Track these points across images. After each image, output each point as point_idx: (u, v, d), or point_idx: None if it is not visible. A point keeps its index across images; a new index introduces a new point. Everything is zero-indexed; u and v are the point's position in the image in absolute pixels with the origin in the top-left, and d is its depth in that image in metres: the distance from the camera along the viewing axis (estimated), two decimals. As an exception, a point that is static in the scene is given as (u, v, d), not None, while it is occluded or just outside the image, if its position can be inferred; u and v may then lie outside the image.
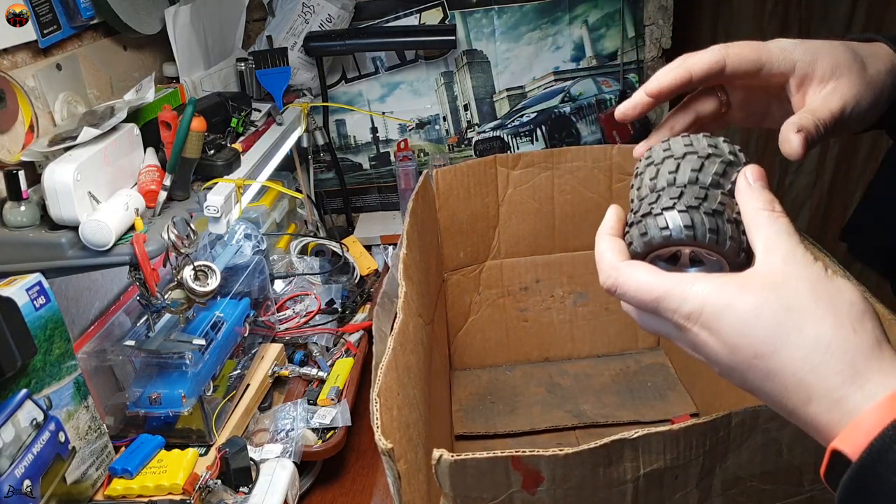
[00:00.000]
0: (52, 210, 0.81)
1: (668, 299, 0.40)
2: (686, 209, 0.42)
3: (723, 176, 0.44)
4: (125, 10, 1.07)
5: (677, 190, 0.43)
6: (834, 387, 0.35)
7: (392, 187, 1.69)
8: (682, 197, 0.43)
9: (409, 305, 0.74)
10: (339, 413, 0.98)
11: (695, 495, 0.58)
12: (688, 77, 0.47)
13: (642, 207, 0.45)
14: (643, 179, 0.47)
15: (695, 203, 0.42)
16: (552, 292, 1.20)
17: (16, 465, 0.71)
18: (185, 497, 0.82)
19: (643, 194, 0.46)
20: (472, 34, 1.55)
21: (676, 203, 0.43)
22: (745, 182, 0.43)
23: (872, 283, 0.40)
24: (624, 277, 0.42)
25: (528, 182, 1.13)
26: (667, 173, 0.45)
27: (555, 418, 1.09)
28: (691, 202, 0.42)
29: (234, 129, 1.16)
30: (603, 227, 0.46)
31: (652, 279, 0.41)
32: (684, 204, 0.42)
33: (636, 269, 0.42)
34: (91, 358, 0.88)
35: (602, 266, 0.44)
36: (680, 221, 0.42)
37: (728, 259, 0.43)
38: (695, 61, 0.47)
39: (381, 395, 0.57)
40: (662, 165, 0.46)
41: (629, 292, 0.42)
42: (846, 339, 0.36)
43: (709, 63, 0.47)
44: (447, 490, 0.53)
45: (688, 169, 0.44)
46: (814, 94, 0.47)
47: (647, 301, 0.41)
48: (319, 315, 1.22)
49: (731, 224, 0.42)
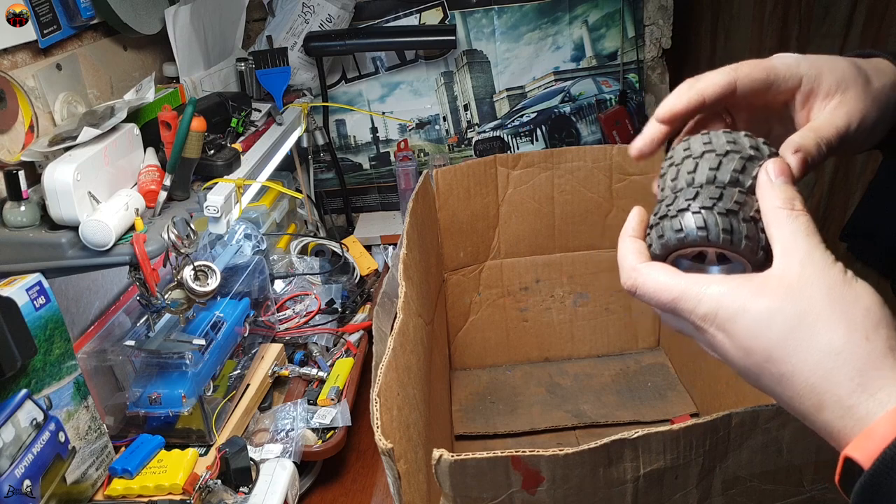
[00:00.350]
0: (52, 210, 0.81)
1: (683, 300, 0.40)
2: (700, 210, 0.42)
3: (742, 172, 0.43)
4: (125, 10, 1.07)
5: (693, 191, 0.43)
6: (845, 394, 0.35)
7: (392, 187, 1.69)
8: (698, 197, 0.43)
9: (409, 305, 0.74)
10: (339, 413, 0.98)
11: (695, 495, 0.58)
12: (700, 101, 0.46)
13: (661, 209, 0.45)
14: (665, 181, 0.47)
15: (709, 203, 0.42)
16: (552, 292, 1.21)
17: (16, 465, 0.71)
18: (185, 497, 0.82)
19: (664, 195, 0.46)
20: (472, 34, 1.55)
21: (691, 204, 0.42)
22: (765, 178, 0.42)
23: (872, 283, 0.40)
24: (643, 279, 0.43)
25: (528, 182, 1.13)
26: (685, 173, 0.45)
27: (555, 418, 1.09)
28: (706, 202, 0.42)
29: (234, 129, 1.16)
30: (625, 230, 0.46)
31: (669, 280, 0.41)
32: (699, 205, 0.42)
33: (654, 270, 0.42)
34: (91, 358, 0.88)
35: (623, 267, 0.44)
36: (693, 223, 0.42)
37: (746, 258, 0.42)
38: (706, 84, 0.46)
39: (381, 395, 0.57)
40: (682, 165, 0.45)
41: (648, 293, 0.42)
42: (858, 346, 0.35)
43: (721, 85, 0.45)
44: (447, 490, 0.53)
45: (705, 168, 0.44)
46: (819, 109, 0.46)
47: (665, 302, 0.41)
48: (319, 315, 1.22)
49: (749, 223, 0.41)
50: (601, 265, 1.19)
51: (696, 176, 0.44)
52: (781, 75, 0.46)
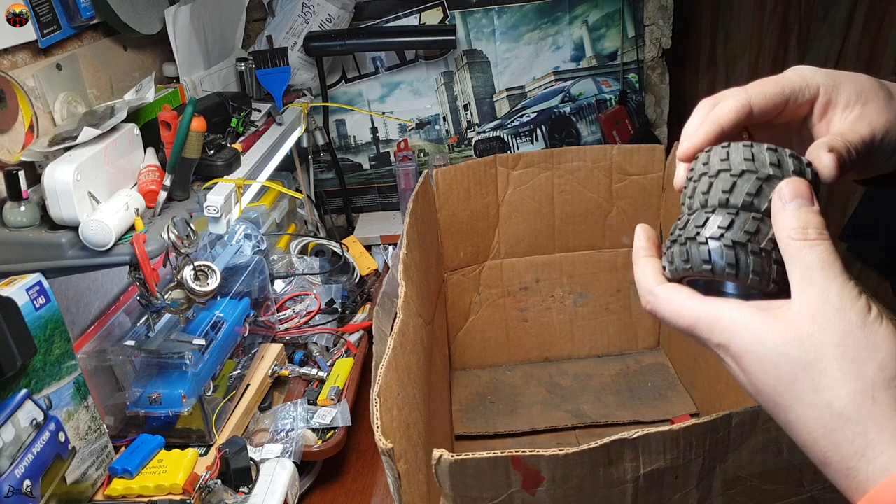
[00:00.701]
0: (52, 210, 0.81)
1: (698, 328, 0.39)
2: (706, 241, 0.40)
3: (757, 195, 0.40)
4: (125, 10, 1.07)
5: (704, 215, 0.41)
6: (847, 456, 0.34)
7: (392, 187, 1.69)
8: (707, 224, 0.40)
9: (409, 305, 0.74)
10: (339, 413, 0.98)
11: (695, 495, 0.58)
12: (719, 131, 0.44)
13: (675, 230, 0.43)
14: (685, 195, 0.44)
15: (717, 233, 0.40)
16: (552, 292, 1.20)
17: (16, 465, 0.71)
18: (185, 497, 0.82)
19: (693, 207, 0.43)
20: (472, 34, 1.55)
21: (700, 232, 0.40)
22: (778, 204, 0.39)
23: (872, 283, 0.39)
24: (660, 303, 0.42)
25: (528, 182, 1.13)
26: (700, 193, 0.42)
27: (555, 418, 1.09)
28: (713, 232, 0.40)
29: (234, 129, 1.16)
30: (637, 250, 0.45)
31: (684, 305, 0.40)
32: (707, 233, 0.40)
33: (670, 293, 0.41)
34: (91, 358, 0.88)
35: (640, 290, 0.43)
36: (699, 256, 0.40)
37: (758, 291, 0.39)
38: (722, 113, 0.44)
39: (381, 395, 0.57)
40: (699, 183, 0.43)
41: (666, 317, 0.41)
42: (863, 408, 0.33)
43: (737, 111, 0.43)
44: (447, 490, 0.53)
45: (718, 190, 0.41)
46: (839, 120, 0.44)
47: (683, 327, 0.41)
48: (319, 315, 1.22)
49: (758, 255, 0.39)
50: (601, 265, 1.19)
51: (709, 197, 0.42)
52: (797, 86, 0.44)
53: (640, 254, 0.45)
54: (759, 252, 0.39)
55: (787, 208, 0.38)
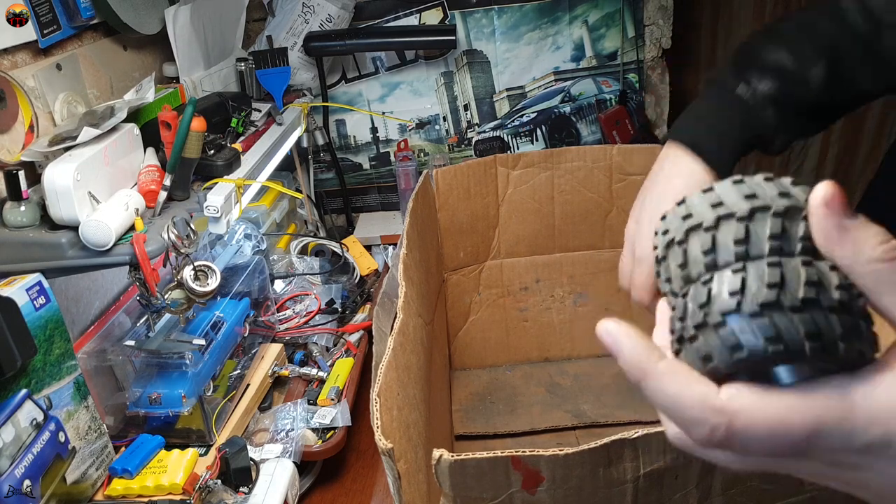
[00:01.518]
0: (52, 210, 0.81)
1: (827, 430, 0.29)
2: (760, 311, 0.28)
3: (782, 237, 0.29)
4: (125, 10, 1.07)
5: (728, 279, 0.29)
6: None
7: (392, 187, 1.69)
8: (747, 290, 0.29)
9: (409, 305, 0.74)
10: (339, 413, 0.98)
11: (695, 495, 0.58)
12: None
13: (686, 313, 0.31)
14: (667, 267, 0.33)
15: (772, 297, 0.28)
16: (552, 292, 1.20)
17: (16, 465, 0.71)
18: (185, 497, 0.82)
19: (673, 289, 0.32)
20: (472, 34, 1.55)
21: (742, 301, 0.29)
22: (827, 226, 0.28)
23: None
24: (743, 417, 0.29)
25: (528, 182, 1.13)
26: (699, 254, 0.31)
27: (555, 418, 1.09)
28: (767, 296, 0.28)
29: (234, 129, 1.16)
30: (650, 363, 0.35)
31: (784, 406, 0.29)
32: (756, 301, 0.28)
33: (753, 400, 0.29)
34: (91, 358, 0.88)
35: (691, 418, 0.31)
36: (754, 335, 0.28)
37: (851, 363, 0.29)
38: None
39: (381, 395, 0.57)
40: (688, 244, 0.32)
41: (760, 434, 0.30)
42: None
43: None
44: (447, 490, 0.53)
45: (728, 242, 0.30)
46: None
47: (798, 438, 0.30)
48: (319, 315, 1.22)
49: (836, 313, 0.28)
50: (601, 265, 1.19)
51: (717, 257, 0.30)
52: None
53: (660, 370, 0.33)
54: (835, 307, 0.28)
55: (848, 227, 0.28)
